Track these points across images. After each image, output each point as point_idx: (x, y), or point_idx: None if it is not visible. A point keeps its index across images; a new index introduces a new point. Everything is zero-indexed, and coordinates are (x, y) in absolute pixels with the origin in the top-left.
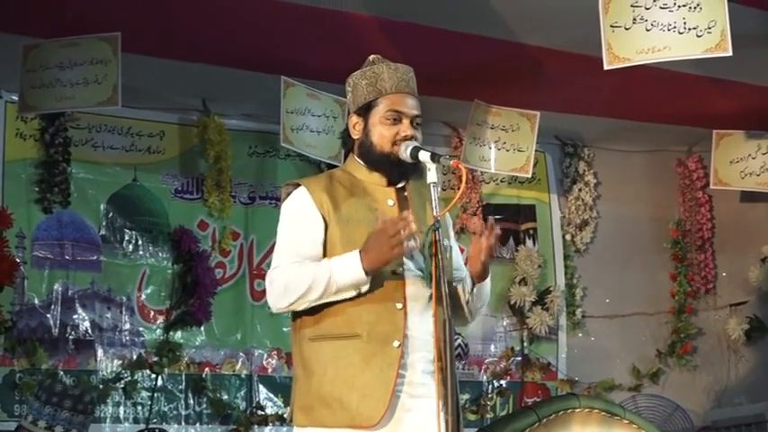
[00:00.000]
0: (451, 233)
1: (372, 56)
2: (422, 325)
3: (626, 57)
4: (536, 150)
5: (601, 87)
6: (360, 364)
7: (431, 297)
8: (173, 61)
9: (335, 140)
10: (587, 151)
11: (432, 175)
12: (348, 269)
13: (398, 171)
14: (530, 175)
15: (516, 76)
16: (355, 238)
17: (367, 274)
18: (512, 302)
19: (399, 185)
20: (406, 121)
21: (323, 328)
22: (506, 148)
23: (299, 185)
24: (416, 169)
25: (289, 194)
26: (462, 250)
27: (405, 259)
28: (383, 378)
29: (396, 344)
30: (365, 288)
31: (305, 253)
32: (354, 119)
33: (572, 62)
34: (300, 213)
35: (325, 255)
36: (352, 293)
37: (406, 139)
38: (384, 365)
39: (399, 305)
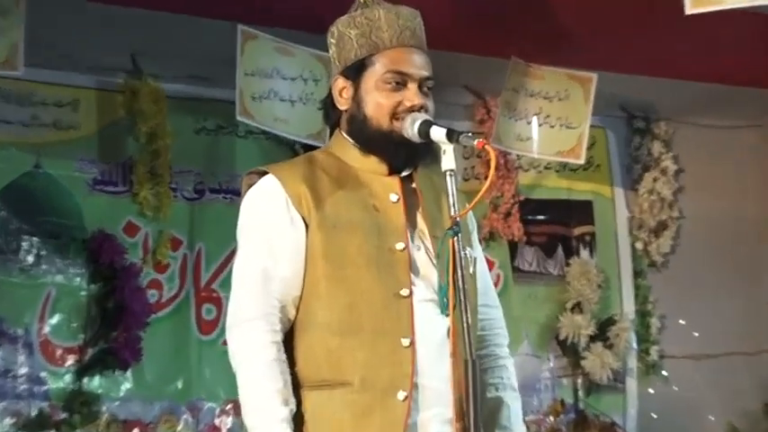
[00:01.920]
0: (475, 239)
1: None
2: (437, 369)
3: None
4: (594, 126)
5: (681, 40)
6: (351, 424)
7: (449, 330)
8: (90, 3)
9: (316, 112)
10: (664, 127)
11: (448, 159)
12: None
13: (404, 154)
14: (583, 161)
15: (566, 26)
16: (345, 249)
17: None
18: (561, 337)
19: (405, 173)
20: (412, 86)
21: (299, 374)
22: (551, 124)
23: (266, 174)
24: (428, 152)
25: (252, 187)
26: (492, 265)
27: (413, 276)
28: None
29: (401, 395)
30: None
31: (281, 276)
32: (341, 83)
33: (642, 6)
34: (270, 214)
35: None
36: None
37: (412, 109)
38: (385, 425)
39: (406, 341)
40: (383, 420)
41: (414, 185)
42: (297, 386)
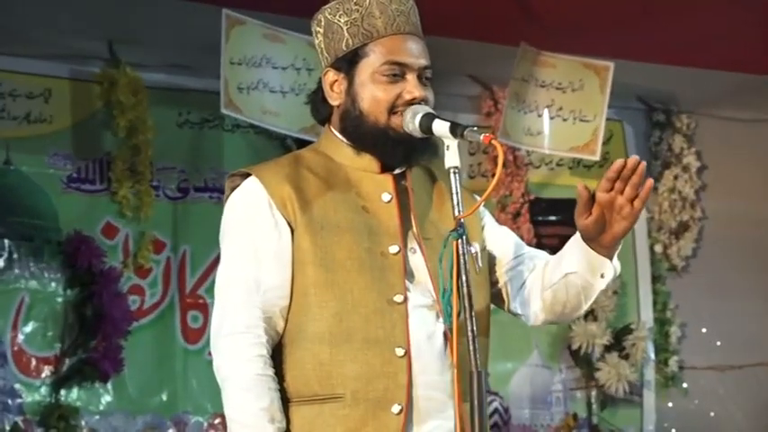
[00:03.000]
0: (492, 222)
1: None
2: (436, 380)
3: None
4: (609, 119)
5: (704, 25)
6: None
7: (447, 338)
8: None
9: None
10: (686, 120)
11: (452, 156)
12: None
13: (402, 152)
14: (598, 157)
15: (579, 9)
16: (334, 253)
17: None
18: (574, 347)
19: (399, 170)
20: (411, 77)
21: (288, 388)
22: (564, 117)
23: (248, 175)
24: (427, 148)
25: (235, 189)
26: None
27: (407, 282)
28: None
29: (396, 408)
30: None
31: (267, 285)
32: (332, 75)
33: None
34: (253, 219)
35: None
36: None
37: (412, 102)
38: None
39: (401, 350)
40: None
41: (406, 183)
42: (286, 401)
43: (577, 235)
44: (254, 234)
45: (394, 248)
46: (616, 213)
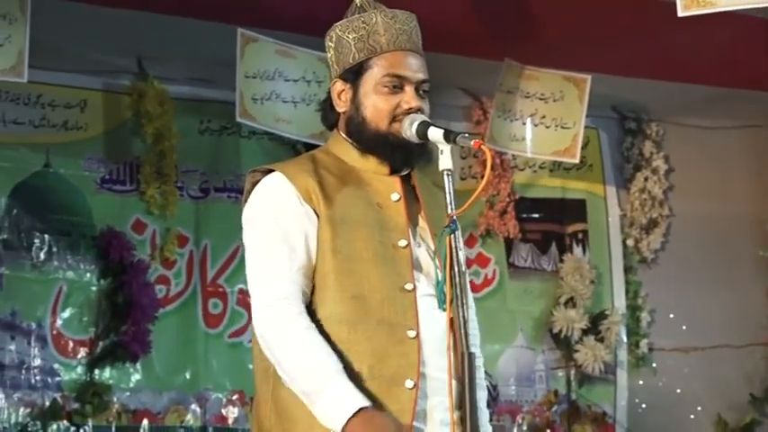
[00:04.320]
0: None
1: None
2: (439, 360)
3: (707, 0)
4: (587, 126)
5: (674, 42)
6: None
7: (448, 324)
8: (96, 7)
9: (318, 113)
10: (655, 127)
11: (445, 159)
12: (332, 410)
13: (402, 155)
14: (577, 160)
15: (560, 27)
16: (352, 245)
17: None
18: (555, 331)
19: (404, 173)
20: (409, 89)
21: None
22: (546, 124)
23: (270, 172)
24: (424, 152)
25: (256, 184)
26: (488, 261)
27: (415, 272)
28: None
29: (409, 384)
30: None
31: (299, 262)
32: (339, 85)
33: (635, 9)
34: (283, 207)
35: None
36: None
37: (409, 111)
38: (393, 413)
39: (412, 333)
40: (392, 408)
41: (413, 185)
42: None
43: None
44: (285, 219)
45: (402, 242)
46: None
